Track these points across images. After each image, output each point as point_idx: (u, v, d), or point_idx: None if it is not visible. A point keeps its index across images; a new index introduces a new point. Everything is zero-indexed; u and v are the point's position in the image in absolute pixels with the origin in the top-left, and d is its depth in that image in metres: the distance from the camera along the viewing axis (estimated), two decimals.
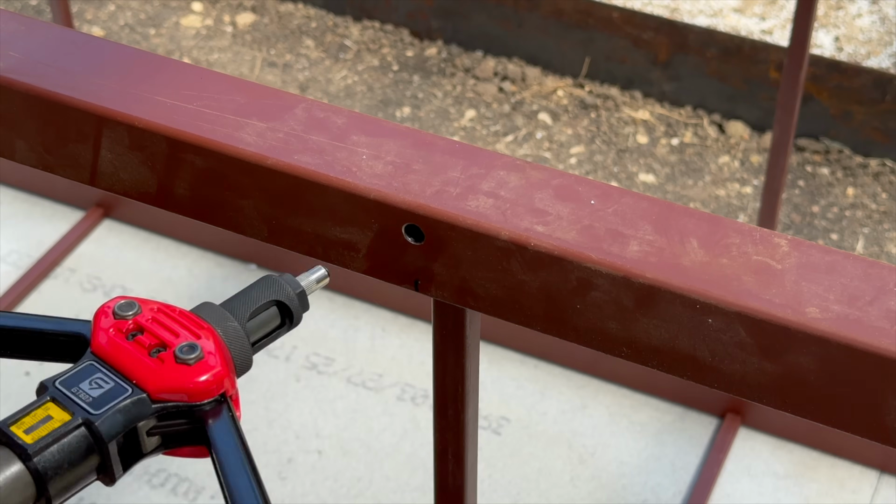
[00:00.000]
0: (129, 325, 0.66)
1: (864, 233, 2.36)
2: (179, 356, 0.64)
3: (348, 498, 1.91)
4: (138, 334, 0.66)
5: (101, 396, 0.63)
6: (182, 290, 2.20)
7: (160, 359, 0.64)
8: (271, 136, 0.78)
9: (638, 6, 2.56)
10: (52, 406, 0.62)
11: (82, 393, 0.63)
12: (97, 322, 0.67)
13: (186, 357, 0.64)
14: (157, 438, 0.64)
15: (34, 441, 0.60)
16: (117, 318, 0.66)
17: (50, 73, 0.82)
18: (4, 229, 2.31)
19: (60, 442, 0.61)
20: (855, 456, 1.94)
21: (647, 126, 2.57)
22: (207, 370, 0.64)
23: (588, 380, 2.06)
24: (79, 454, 0.61)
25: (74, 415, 0.62)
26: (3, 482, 0.59)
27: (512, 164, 0.76)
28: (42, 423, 0.61)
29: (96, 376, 0.64)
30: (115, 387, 0.63)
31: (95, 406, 0.62)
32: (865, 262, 0.70)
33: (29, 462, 0.59)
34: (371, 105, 2.62)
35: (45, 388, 0.63)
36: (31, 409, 0.62)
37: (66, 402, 0.62)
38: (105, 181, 0.84)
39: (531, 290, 0.74)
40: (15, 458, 0.60)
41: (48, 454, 0.60)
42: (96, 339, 0.66)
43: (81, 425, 0.61)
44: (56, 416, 0.62)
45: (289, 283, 0.72)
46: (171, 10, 2.85)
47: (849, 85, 2.45)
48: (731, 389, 0.71)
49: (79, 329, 0.68)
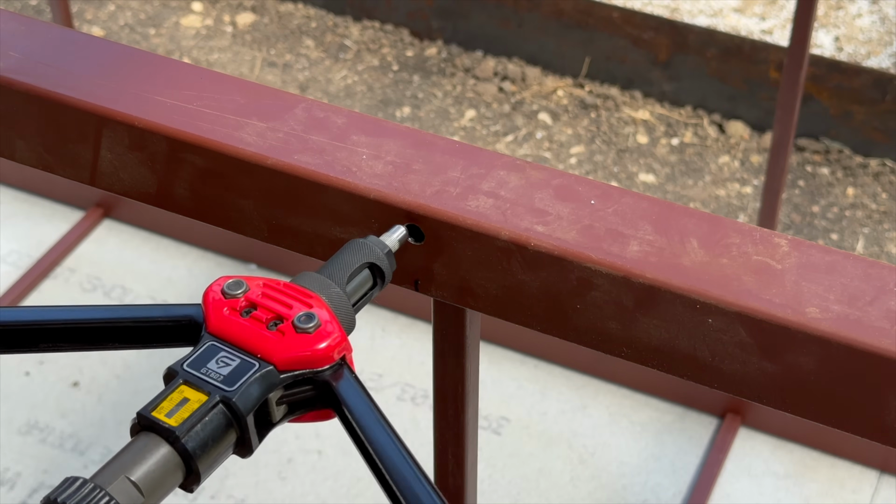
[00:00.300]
0: (242, 303, 0.68)
1: (865, 233, 2.36)
2: (299, 326, 0.66)
3: (348, 498, 1.91)
4: (252, 310, 0.68)
5: (232, 373, 0.65)
6: (182, 290, 2.20)
7: (280, 331, 0.66)
8: (271, 136, 0.78)
9: (638, 6, 2.56)
10: (185, 388, 0.64)
11: (212, 372, 0.65)
12: (209, 304, 0.68)
13: (306, 326, 0.66)
14: (285, 407, 0.66)
15: (179, 423, 0.62)
16: (228, 298, 0.68)
17: (50, 73, 0.82)
18: (4, 229, 2.31)
19: (203, 421, 0.63)
20: (855, 456, 1.94)
21: (647, 126, 2.57)
22: (327, 336, 0.67)
23: (588, 380, 2.06)
24: (220, 430, 0.63)
25: (211, 394, 0.64)
26: (156, 466, 0.61)
27: (512, 164, 0.76)
28: (181, 406, 0.63)
29: (221, 355, 0.66)
30: (242, 363, 0.65)
31: (228, 383, 0.64)
32: (865, 262, 0.70)
33: (177, 444, 0.62)
34: (371, 105, 2.62)
35: (174, 373, 0.65)
36: (167, 394, 0.64)
37: (199, 382, 0.64)
38: (105, 181, 0.84)
39: (531, 290, 0.74)
40: (163, 441, 0.62)
41: (193, 434, 0.62)
42: (212, 320, 0.67)
43: (219, 402, 0.63)
44: (192, 397, 0.64)
45: (376, 245, 0.73)
46: (171, 10, 2.85)
47: (849, 85, 2.45)
48: (731, 389, 0.71)
49: (189, 313, 0.69)
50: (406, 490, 0.63)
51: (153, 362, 2.08)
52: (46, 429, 2.00)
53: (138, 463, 0.61)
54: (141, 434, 0.62)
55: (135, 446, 0.62)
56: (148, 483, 0.60)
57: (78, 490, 0.58)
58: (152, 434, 0.62)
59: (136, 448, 0.62)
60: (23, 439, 1.98)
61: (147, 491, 0.60)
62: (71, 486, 0.58)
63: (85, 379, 2.06)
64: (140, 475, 0.60)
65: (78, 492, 0.58)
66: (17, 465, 1.95)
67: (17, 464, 1.95)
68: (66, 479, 0.58)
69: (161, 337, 0.70)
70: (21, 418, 2.01)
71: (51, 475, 1.94)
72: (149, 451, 0.61)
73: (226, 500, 1.89)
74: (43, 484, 1.92)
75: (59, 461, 1.95)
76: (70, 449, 1.97)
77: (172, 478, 0.61)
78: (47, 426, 2.00)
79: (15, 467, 1.94)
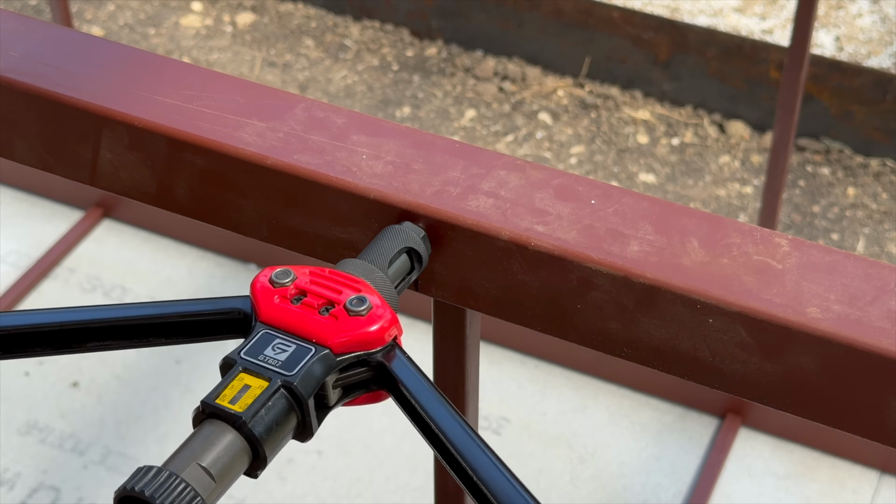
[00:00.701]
0: (292, 291, 0.69)
1: (865, 233, 2.36)
2: (352, 309, 0.68)
3: (348, 498, 1.90)
4: (303, 297, 0.69)
5: (289, 359, 0.66)
6: (182, 290, 2.20)
7: (333, 315, 0.68)
8: (271, 136, 0.78)
9: (638, 6, 2.56)
10: (245, 376, 0.65)
11: (270, 359, 0.66)
12: (258, 293, 0.69)
13: (358, 309, 0.68)
14: (339, 390, 0.68)
15: (244, 409, 0.63)
16: (277, 287, 0.69)
17: (50, 72, 0.82)
18: (4, 229, 2.31)
19: (266, 406, 0.64)
20: (855, 456, 1.94)
21: (648, 126, 2.57)
22: (379, 318, 0.68)
23: (588, 380, 2.06)
24: (283, 415, 0.64)
25: (272, 379, 0.65)
26: (224, 452, 0.62)
27: (512, 164, 0.76)
28: (243, 393, 0.64)
29: (276, 342, 0.67)
30: (298, 348, 0.66)
31: (287, 368, 0.65)
32: (866, 262, 0.70)
33: (244, 429, 0.63)
34: (371, 105, 2.62)
35: (233, 362, 0.66)
36: (228, 382, 0.65)
37: (258, 369, 0.65)
38: (105, 181, 0.84)
39: (531, 290, 0.74)
40: (229, 427, 0.63)
41: (258, 419, 0.63)
42: (263, 309, 0.69)
43: (281, 387, 0.65)
44: (253, 384, 0.64)
45: (412, 230, 0.74)
46: (171, 9, 2.85)
47: (849, 85, 2.45)
48: (731, 389, 0.71)
49: (237, 305, 0.70)
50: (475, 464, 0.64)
51: (152, 362, 2.08)
52: (46, 429, 1.99)
53: (207, 450, 0.62)
54: (206, 422, 0.63)
55: (202, 434, 0.63)
56: (218, 468, 0.61)
57: (154, 478, 0.59)
58: (218, 421, 0.63)
59: (204, 435, 0.62)
60: (22, 439, 1.98)
61: (218, 476, 0.61)
62: (146, 475, 0.59)
63: (84, 379, 2.06)
64: (210, 461, 0.61)
65: (154, 480, 0.58)
66: (17, 466, 1.95)
67: (16, 464, 1.95)
68: (138, 469, 0.59)
69: (209, 330, 0.71)
70: (20, 418, 2.00)
71: (50, 475, 1.94)
72: (216, 438, 0.62)
73: (226, 500, 1.89)
74: (42, 484, 1.92)
75: (59, 461, 1.95)
76: (70, 449, 1.97)
77: (240, 463, 0.63)
78: (47, 426, 2.00)
79: (14, 467, 1.94)
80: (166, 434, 1.98)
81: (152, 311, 0.71)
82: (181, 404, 2.02)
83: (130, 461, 1.95)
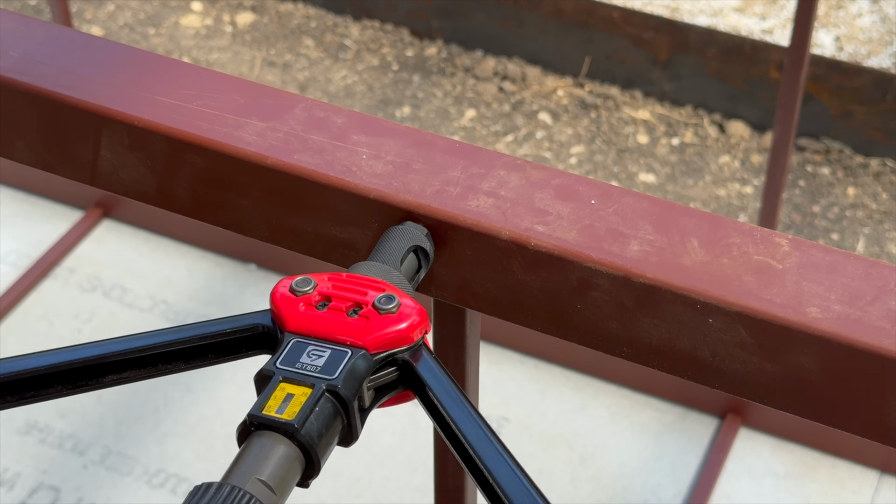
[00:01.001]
0: (316, 297, 0.68)
1: (865, 233, 2.36)
2: (382, 308, 0.67)
3: (348, 498, 1.90)
4: (328, 303, 0.68)
5: (327, 363, 0.65)
6: (182, 290, 2.20)
7: (363, 316, 0.67)
8: (271, 136, 0.78)
9: (638, 6, 2.56)
10: (286, 385, 0.64)
11: (308, 366, 0.65)
12: (280, 304, 0.68)
13: (388, 307, 0.67)
14: (373, 392, 0.67)
15: (293, 417, 0.62)
16: (299, 295, 0.69)
17: (50, 72, 0.82)
18: (4, 229, 2.31)
19: (314, 411, 0.63)
20: (855, 456, 1.94)
21: (648, 126, 2.57)
22: (410, 315, 0.67)
23: (588, 380, 2.06)
24: (330, 418, 0.64)
25: (315, 385, 0.64)
26: (280, 462, 0.61)
27: (512, 164, 0.76)
28: (288, 401, 0.63)
29: (310, 349, 0.66)
30: (334, 352, 0.65)
31: (327, 372, 0.64)
32: (866, 262, 0.70)
33: (296, 437, 0.62)
34: (371, 105, 2.62)
35: (270, 374, 0.65)
36: (270, 393, 0.64)
37: (298, 377, 0.64)
38: (105, 181, 0.84)
39: (531, 290, 0.74)
40: (281, 437, 0.62)
41: (308, 425, 0.62)
42: (289, 319, 0.68)
43: (325, 391, 0.64)
44: (296, 392, 0.64)
45: (416, 228, 0.74)
46: (171, 9, 2.85)
47: (849, 85, 2.45)
48: (731, 389, 0.71)
49: (257, 320, 0.69)
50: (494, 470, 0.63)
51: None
52: (46, 429, 1.99)
53: (263, 462, 0.61)
54: (255, 434, 0.62)
55: (254, 447, 0.61)
56: (276, 479, 0.60)
57: (217, 494, 0.58)
58: (268, 432, 0.62)
59: (257, 448, 0.61)
60: (22, 439, 1.98)
61: (277, 488, 0.60)
62: (208, 490, 0.58)
63: None
64: (269, 473, 0.60)
65: (217, 495, 0.57)
66: (17, 466, 1.95)
67: (16, 464, 1.95)
68: (197, 487, 0.58)
69: (231, 350, 0.70)
70: (20, 418, 2.00)
71: (50, 475, 1.94)
72: (270, 449, 0.61)
73: None
74: (42, 484, 1.92)
75: (59, 461, 1.95)
76: (69, 449, 1.97)
77: (295, 472, 0.62)
78: (47, 426, 2.00)
79: (14, 467, 1.94)
80: (166, 434, 1.98)
81: (170, 337, 0.70)
82: (181, 404, 2.02)
83: (130, 461, 1.95)
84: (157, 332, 0.70)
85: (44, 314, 2.16)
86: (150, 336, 0.70)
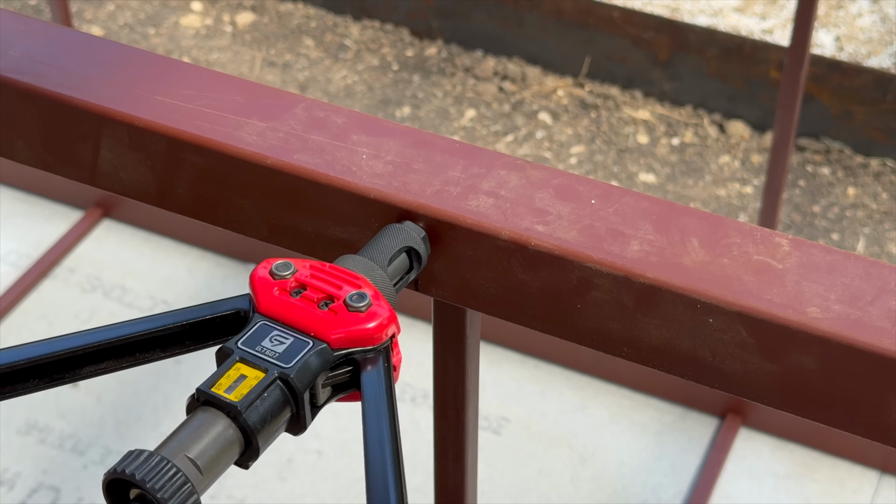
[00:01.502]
0: (292, 283, 0.69)
1: (865, 233, 2.36)
2: (351, 305, 0.67)
3: (348, 498, 1.90)
4: (303, 291, 0.68)
5: (286, 351, 0.65)
6: (182, 290, 2.20)
7: (332, 310, 0.67)
8: (271, 136, 0.78)
9: (638, 6, 2.56)
10: (241, 366, 0.64)
11: (267, 350, 0.65)
12: (257, 285, 0.69)
13: (358, 305, 0.67)
14: (330, 389, 0.67)
15: (239, 399, 0.62)
16: (277, 279, 0.69)
17: (50, 72, 0.82)
18: (4, 229, 2.31)
19: (262, 396, 0.63)
20: (855, 456, 1.94)
21: (648, 126, 2.57)
22: (378, 315, 0.67)
23: (588, 380, 2.06)
24: (278, 407, 0.64)
25: (268, 371, 0.64)
26: (216, 441, 0.61)
27: (512, 164, 0.76)
28: (239, 382, 0.63)
29: (273, 334, 0.66)
30: (296, 341, 0.66)
31: (284, 360, 0.65)
32: (866, 262, 0.70)
33: (238, 419, 0.62)
34: (371, 105, 2.62)
35: (229, 352, 0.65)
36: (224, 372, 0.64)
37: (255, 360, 0.65)
38: (105, 181, 0.84)
39: (532, 290, 0.74)
40: (223, 416, 0.62)
41: (253, 409, 0.62)
42: (262, 301, 0.68)
43: (277, 379, 0.64)
44: (249, 374, 0.64)
45: (413, 230, 0.74)
46: (171, 9, 2.85)
47: (849, 84, 2.45)
48: (731, 389, 0.71)
49: (237, 305, 0.70)
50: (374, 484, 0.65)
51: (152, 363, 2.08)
52: (46, 429, 1.99)
53: (200, 437, 0.61)
54: (200, 409, 0.63)
55: (195, 421, 0.62)
56: (209, 456, 0.61)
57: (145, 462, 0.58)
58: (212, 409, 0.63)
59: (197, 423, 0.62)
60: (22, 439, 1.98)
61: (208, 464, 0.61)
62: (137, 458, 0.58)
63: None
64: (202, 448, 0.61)
65: (145, 463, 0.58)
66: (17, 466, 1.95)
67: (16, 464, 1.95)
68: (129, 452, 0.59)
69: (209, 335, 0.70)
70: (20, 418, 2.00)
71: (50, 475, 1.93)
72: (210, 426, 0.62)
73: (225, 500, 1.88)
74: (42, 484, 1.92)
75: (59, 461, 1.95)
76: (69, 449, 1.97)
77: (231, 452, 0.62)
78: (46, 426, 2.00)
79: (14, 467, 1.94)
80: (166, 434, 1.98)
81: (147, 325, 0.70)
82: (181, 404, 2.02)
83: None
84: (134, 321, 0.70)
85: (44, 314, 2.16)
86: (127, 325, 0.70)
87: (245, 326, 0.67)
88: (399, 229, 0.74)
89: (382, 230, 0.74)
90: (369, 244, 0.74)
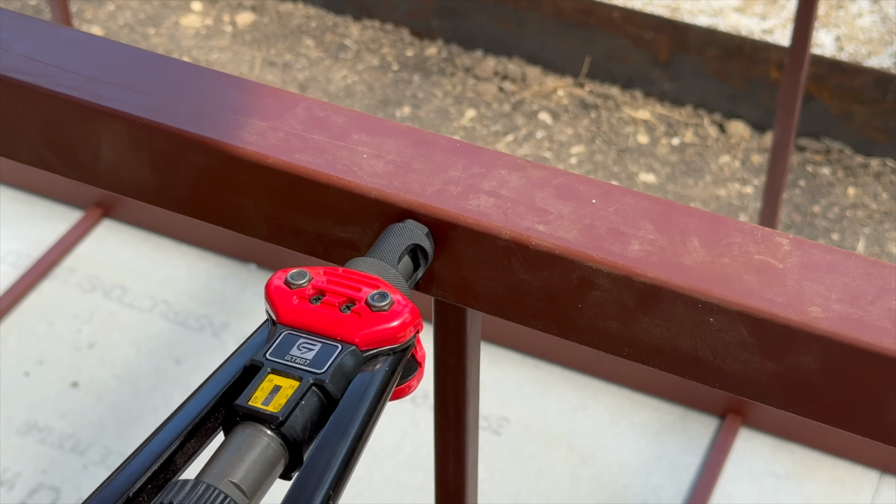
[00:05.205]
0: (310, 291, 0.68)
1: (865, 233, 2.36)
2: (374, 305, 0.67)
3: (348, 498, 1.90)
4: (322, 297, 0.68)
5: (317, 357, 0.64)
6: (181, 290, 2.20)
7: (355, 312, 0.67)
8: (272, 135, 0.78)
9: (638, 6, 2.56)
10: (274, 377, 0.63)
11: (297, 358, 0.64)
12: (275, 296, 0.68)
13: (381, 304, 0.67)
14: None
15: (279, 409, 0.61)
16: (294, 288, 0.68)
17: (50, 72, 0.82)
18: (4, 229, 2.31)
19: (300, 405, 0.62)
20: (856, 456, 1.94)
21: (648, 126, 2.57)
22: (403, 312, 0.67)
23: (588, 380, 2.06)
24: (317, 413, 0.63)
25: (303, 378, 0.63)
26: (259, 458, 0.61)
27: (513, 163, 0.76)
28: (275, 394, 0.62)
29: (300, 342, 0.65)
30: (324, 346, 0.65)
31: (316, 366, 0.64)
32: (867, 262, 0.70)
33: (280, 430, 0.61)
34: (371, 105, 2.62)
35: (259, 365, 0.64)
36: (258, 385, 0.63)
37: (287, 369, 0.64)
38: (105, 181, 0.84)
39: (532, 290, 0.73)
40: (265, 430, 0.61)
41: (293, 419, 0.62)
42: (282, 311, 0.67)
43: (313, 385, 0.63)
44: (283, 384, 0.63)
45: (416, 227, 0.74)
46: (171, 9, 2.85)
47: (850, 84, 2.45)
48: (732, 389, 0.71)
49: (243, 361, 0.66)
50: None
51: (152, 362, 2.08)
52: (46, 429, 1.99)
53: (241, 459, 0.60)
54: (239, 425, 0.62)
55: (237, 438, 0.61)
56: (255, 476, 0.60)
57: (191, 492, 0.57)
58: (252, 423, 0.62)
59: (240, 439, 0.61)
60: (22, 439, 1.98)
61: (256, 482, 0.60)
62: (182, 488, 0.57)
63: (84, 379, 2.06)
64: (244, 472, 0.60)
65: (192, 493, 0.57)
66: (17, 466, 1.94)
67: (16, 464, 1.95)
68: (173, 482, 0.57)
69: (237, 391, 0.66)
70: (20, 418, 2.00)
71: (50, 475, 1.93)
72: (253, 441, 0.61)
73: None
74: (42, 484, 1.92)
75: (59, 461, 1.95)
76: (69, 449, 1.97)
77: (277, 465, 0.62)
78: (46, 426, 2.00)
79: (14, 467, 1.94)
80: None
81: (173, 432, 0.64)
82: None
83: None
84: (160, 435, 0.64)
85: (44, 314, 2.16)
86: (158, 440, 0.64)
87: (270, 339, 0.66)
88: (403, 228, 0.74)
89: (387, 230, 0.74)
90: (376, 245, 0.73)
